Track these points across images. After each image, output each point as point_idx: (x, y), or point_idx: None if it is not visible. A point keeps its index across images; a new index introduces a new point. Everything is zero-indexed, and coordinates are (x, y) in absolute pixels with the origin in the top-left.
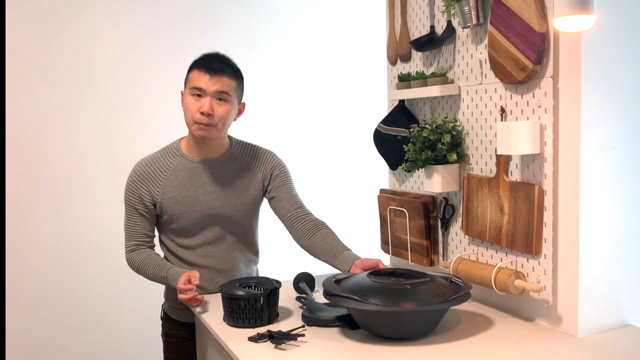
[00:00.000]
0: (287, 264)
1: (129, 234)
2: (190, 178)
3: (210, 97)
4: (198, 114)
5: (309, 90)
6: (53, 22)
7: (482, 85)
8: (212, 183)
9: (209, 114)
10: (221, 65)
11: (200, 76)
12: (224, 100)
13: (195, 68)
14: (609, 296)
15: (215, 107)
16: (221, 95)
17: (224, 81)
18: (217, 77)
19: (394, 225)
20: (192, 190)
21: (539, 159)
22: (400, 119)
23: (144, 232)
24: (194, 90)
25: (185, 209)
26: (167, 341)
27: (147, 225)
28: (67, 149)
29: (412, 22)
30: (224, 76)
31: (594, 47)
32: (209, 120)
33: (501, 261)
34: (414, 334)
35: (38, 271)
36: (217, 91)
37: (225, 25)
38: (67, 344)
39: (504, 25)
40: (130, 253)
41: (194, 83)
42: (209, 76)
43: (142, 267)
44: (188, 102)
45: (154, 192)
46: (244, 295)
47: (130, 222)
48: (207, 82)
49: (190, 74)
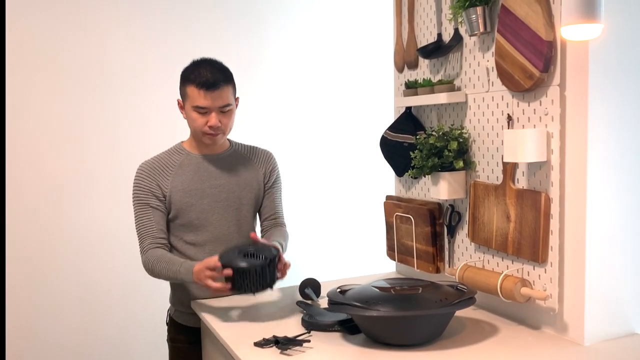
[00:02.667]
0: (293, 269)
1: (143, 234)
2: (196, 172)
3: (215, 112)
4: (206, 127)
5: (316, 96)
6: (62, 24)
7: (489, 92)
8: (218, 176)
9: (217, 127)
10: (215, 77)
11: (199, 94)
12: (228, 110)
13: (191, 84)
14: (616, 304)
15: (221, 119)
16: (225, 109)
17: (223, 94)
18: (216, 93)
19: (400, 232)
20: (199, 183)
21: (546, 166)
22: (407, 126)
23: (158, 227)
24: (197, 108)
25: (193, 201)
26: (173, 346)
27: (161, 220)
28: (72, 150)
29: (420, 29)
30: (221, 89)
31: (601, 56)
32: (217, 131)
33: (507, 269)
34: (419, 340)
35: (42, 274)
36: (220, 106)
37: (232, 32)
38: (72, 348)
39: (511, 33)
40: (145, 254)
41: (196, 102)
42: (208, 93)
43: (156, 264)
44: (194, 118)
45: (163, 186)
46: (248, 266)
47: (144, 220)
48: (207, 100)
49: (187, 89)
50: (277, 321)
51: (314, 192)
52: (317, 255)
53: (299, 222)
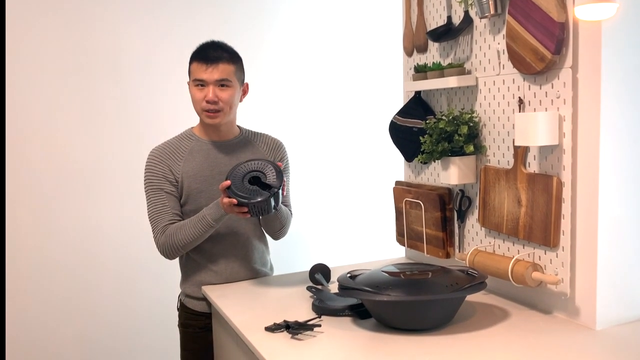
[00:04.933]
0: (302, 254)
1: (156, 218)
2: (206, 158)
3: (212, 85)
4: (204, 102)
5: (325, 82)
6: (72, 14)
7: (499, 75)
8: (228, 163)
9: (214, 101)
10: (217, 53)
11: (199, 67)
12: (226, 86)
13: (194, 60)
14: (628, 289)
15: (218, 93)
16: (222, 82)
17: (222, 69)
18: (214, 66)
19: (409, 218)
20: (209, 170)
21: (558, 150)
22: (417, 111)
23: (173, 211)
24: (196, 81)
25: (203, 187)
26: (184, 331)
27: (174, 204)
28: (85, 143)
29: (429, 12)
30: (221, 63)
31: (615, 37)
32: (215, 107)
33: (518, 253)
34: (430, 325)
35: (54, 261)
36: (217, 79)
37: (241, 15)
38: (82, 333)
39: (522, 15)
40: (164, 233)
41: (195, 75)
42: (207, 66)
43: (180, 230)
44: (194, 93)
45: (175, 171)
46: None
47: (158, 205)
48: (206, 73)
49: (191, 66)
50: (288, 306)
51: (323, 178)
52: (327, 240)
53: (308, 207)
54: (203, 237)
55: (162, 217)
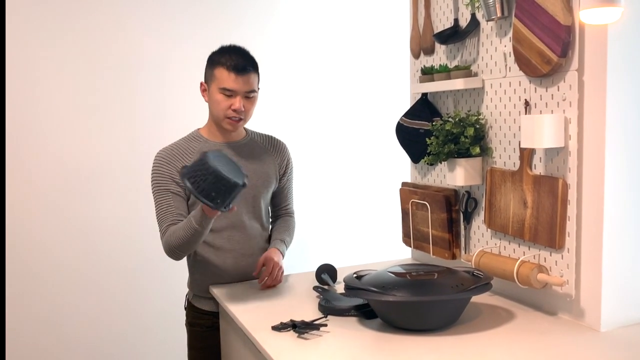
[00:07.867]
0: (310, 255)
1: (162, 219)
2: None
3: (240, 96)
4: (230, 111)
5: (333, 84)
6: (78, 12)
7: (506, 78)
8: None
9: (241, 111)
10: (245, 63)
11: (228, 77)
12: (252, 97)
13: (221, 66)
14: (633, 290)
15: (245, 104)
16: (250, 94)
17: (251, 80)
18: (245, 77)
19: (415, 219)
20: None
21: (563, 152)
22: (423, 112)
23: (178, 212)
24: (224, 90)
25: None
26: (191, 330)
27: (180, 205)
28: (86, 143)
29: (436, 15)
30: (250, 74)
31: (620, 40)
32: (240, 116)
33: (524, 255)
34: (435, 325)
35: (57, 261)
36: (246, 91)
37: (249, 15)
38: (89, 332)
39: (528, 18)
40: (163, 236)
41: (224, 84)
42: (237, 76)
43: (174, 233)
44: (219, 100)
45: None
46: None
47: (163, 205)
48: (237, 83)
49: (215, 71)
50: (295, 306)
51: (330, 178)
52: (333, 241)
53: (315, 208)
54: (195, 241)
55: (166, 217)
